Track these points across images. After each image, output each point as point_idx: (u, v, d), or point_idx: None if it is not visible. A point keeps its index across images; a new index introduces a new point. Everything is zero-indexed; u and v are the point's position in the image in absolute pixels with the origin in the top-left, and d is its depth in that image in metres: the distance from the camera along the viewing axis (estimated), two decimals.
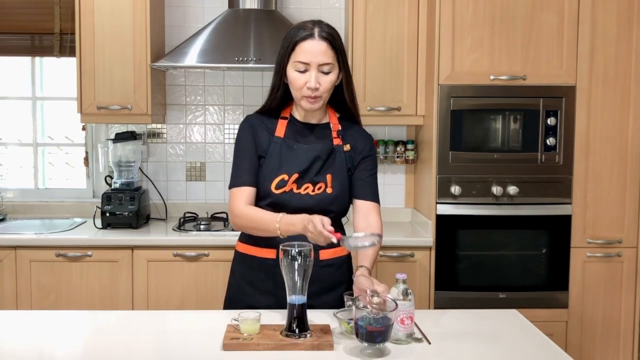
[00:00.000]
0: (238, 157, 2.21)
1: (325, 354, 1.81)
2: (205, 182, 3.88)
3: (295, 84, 2.09)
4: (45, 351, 1.92)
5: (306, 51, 2.05)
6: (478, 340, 1.98)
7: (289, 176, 2.15)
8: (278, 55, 2.14)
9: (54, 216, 3.79)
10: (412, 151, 3.73)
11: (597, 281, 3.32)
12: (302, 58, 2.06)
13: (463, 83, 3.24)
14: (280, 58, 2.12)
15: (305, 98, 2.11)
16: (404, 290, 1.97)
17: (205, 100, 3.85)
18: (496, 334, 2.05)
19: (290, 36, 2.10)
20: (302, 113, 2.22)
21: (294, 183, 2.16)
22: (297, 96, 2.13)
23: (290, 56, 2.08)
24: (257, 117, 2.23)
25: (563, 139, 3.27)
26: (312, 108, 2.14)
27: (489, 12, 3.22)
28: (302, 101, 2.12)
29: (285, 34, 2.13)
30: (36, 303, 3.28)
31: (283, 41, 2.13)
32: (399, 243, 3.32)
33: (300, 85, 2.09)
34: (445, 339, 1.95)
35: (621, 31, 3.24)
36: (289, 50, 2.08)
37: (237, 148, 2.22)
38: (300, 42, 2.06)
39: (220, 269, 3.30)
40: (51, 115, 4.00)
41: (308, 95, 2.09)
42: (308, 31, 2.06)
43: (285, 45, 2.10)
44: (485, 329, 2.08)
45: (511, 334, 2.05)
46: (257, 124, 2.21)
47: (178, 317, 2.22)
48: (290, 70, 2.09)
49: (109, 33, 3.43)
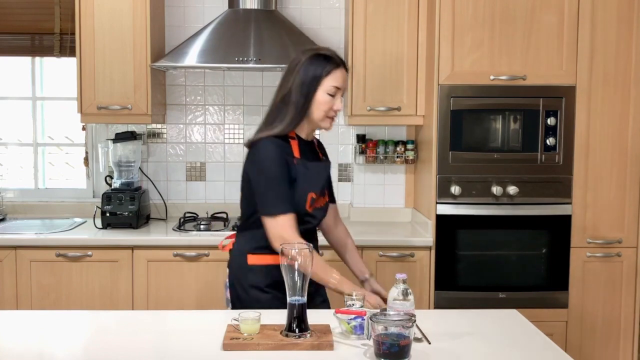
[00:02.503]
0: (276, 184, 2.22)
1: (325, 354, 1.81)
2: (205, 182, 3.88)
3: (325, 105, 2.28)
4: (45, 351, 1.92)
5: (339, 77, 2.29)
6: (478, 340, 1.98)
7: (315, 194, 2.32)
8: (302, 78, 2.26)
9: (54, 216, 3.79)
10: (412, 151, 3.73)
11: (597, 281, 3.32)
12: (337, 83, 2.28)
13: (463, 83, 3.24)
14: (310, 81, 2.26)
15: (329, 119, 2.32)
16: (404, 290, 1.97)
17: (205, 100, 3.85)
18: (496, 334, 2.05)
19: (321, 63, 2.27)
20: (306, 132, 2.36)
21: (318, 198, 2.34)
22: (320, 117, 2.29)
23: (324, 80, 2.26)
24: (278, 141, 2.26)
25: (563, 139, 3.27)
26: (330, 128, 2.36)
27: (489, 12, 3.22)
28: (324, 121, 2.31)
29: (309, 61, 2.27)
30: (36, 303, 3.28)
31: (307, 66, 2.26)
32: (399, 243, 3.32)
33: (328, 108, 2.28)
34: (445, 339, 1.95)
35: (621, 31, 3.24)
36: (324, 75, 2.26)
37: (273, 173, 2.22)
38: (335, 68, 2.28)
39: (220, 269, 3.29)
40: (51, 115, 4.00)
41: (332, 117, 2.32)
42: (338, 61, 2.30)
43: (318, 71, 2.26)
44: (485, 329, 2.08)
45: (511, 334, 2.06)
46: (282, 148, 2.26)
47: (178, 317, 2.22)
48: (321, 93, 2.27)
49: (109, 33, 3.43)
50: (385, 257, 3.29)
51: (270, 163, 2.22)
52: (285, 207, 2.21)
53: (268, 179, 2.21)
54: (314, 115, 2.28)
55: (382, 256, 3.28)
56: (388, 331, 1.74)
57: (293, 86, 2.26)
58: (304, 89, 2.25)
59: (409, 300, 1.96)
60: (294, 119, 2.27)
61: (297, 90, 2.25)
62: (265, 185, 2.22)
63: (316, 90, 2.26)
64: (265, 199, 2.22)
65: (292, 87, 2.26)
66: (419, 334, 1.96)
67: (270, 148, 2.24)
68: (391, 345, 1.73)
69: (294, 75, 2.27)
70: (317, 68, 2.26)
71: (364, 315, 1.90)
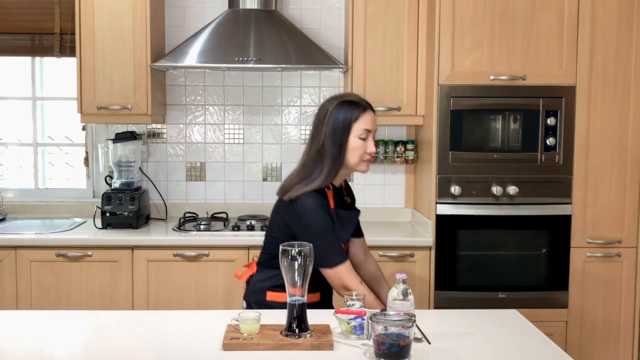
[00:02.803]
0: (326, 237, 2.26)
1: (325, 354, 1.82)
2: (205, 182, 3.88)
3: (359, 150, 2.32)
4: (45, 351, 1.92)
5: (368, 120, 2.33)
6: (478, 340, 1.98)
7: (345, 245, 2.40)
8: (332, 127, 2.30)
9: (54, 216, 3.79)
10: (412, 151, 3.73)
11: (597, 281, 3.32)
12: (367, 126, 2.32)
13: (463, 83, 3.24)
14: (341, 129, 2.30)
15: (365, 162, 2.35)
16: (404, 290, 1.97)
17: (205, 100, 3.85)
18: (496, 334, 2.05)
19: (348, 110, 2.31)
20: (341, 179, 2.41)
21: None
22: (356, 162, 2.33)
23: (354, 125, 2.30)
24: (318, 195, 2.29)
25: (563, 139, 3.27)
26: (366, 171, 2.39)
27: (489, 12, 3.22)
28: (361, 165, 2.35)
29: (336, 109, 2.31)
30: (36, 303, 3.28)
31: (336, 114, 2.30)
32: (399, 243, 3.32)
33: (362, 152, 2.32)
34: (445, 339, 1.95)
35: (621, 31, 3.24)
36: (353, 120, 2.30)
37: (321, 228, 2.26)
38: (363, 112, 2.32)
39: (220, 269, 3.30)
40: (51, 115, 4.00)
41: (368, 160, 2.35)
42: (364, 104, 2.35)
43: (347, 117, 2.30)
44: (485, 329, 2.09)
45: (511, 334, 2.06)
46: (323, 202, 2.29)
47: (178, 317, 2.22)
48: (353, 138, 2.31)
49: (109, 33, 3.43)
50: (385, 257, 3.29)
51: (316, 218, 2.26)
52: (340, 257, 2.27)
53: (318, 234, 2.23)
54: (350, 162, 2.32)
55: (382, 256, 3.28)
56: (388, 331, 1.74)
57: (325, 137, 2.30)
58: (336, 138, 2.29)
59: (409, 300, 1.96)
60: (332, 169, 2.30)
61: (330, 140, 2.29)
62: (315, 240, 2.17)
63: (348, 136, 2.30)
64: (318, 253, 2.19)
65: (324, 138, 2.30)
66: (419, 334, 1.96)
67: (314, 204, 2.26)
68: (391, 345, 1.73)
69: (324, 126, 2.31)
70: (346, 115, 2.30)
71: (364, 315, 1.90)
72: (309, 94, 3.85)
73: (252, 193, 3.88)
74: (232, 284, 3.30)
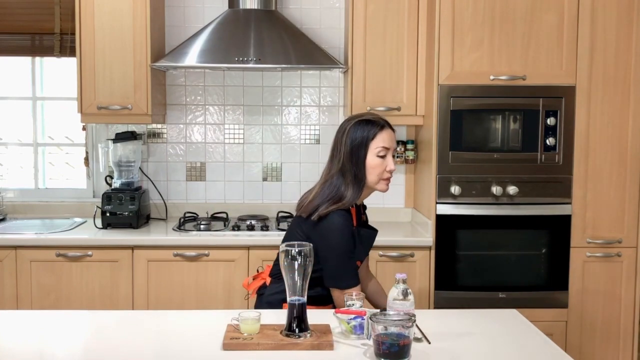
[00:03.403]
0: (346, 259, 2.29)
1: (325, 354, 1.82)
2: (205, 182, 3.88)
3: (378, 168, 2.32)
4: (45, 351, 1.92)
5: (385, 138, 2.33)
6: (478, 340, 1.98)
7: (361, 262, 2.42)
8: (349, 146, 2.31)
9: (54, 216, 3.79)
10: (412, 151, 3.73)
11: (597, 281, 3.32)
12: (385, 144, 2.32)
13: (463, 83, 3.24)
14: (358, 147, 2.31)
15: (384, 181, 2.35)
16: (404, 290, 1.97)
17: (205, 100, 3.85)
18: (496, 334, 2.05)
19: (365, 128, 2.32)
20: (363, 198, 2.41)
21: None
22: (375, 180, 2.34)
23: (371, 144, 2.31)
24: (346, 215, 2.30)
25: (563, 139, 3.27)
26: (387, 189, 2.38)
27: (489, 12, 3.22)
28: (380, 184, 2.35)
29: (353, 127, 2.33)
30: (36, 303, 3.28)
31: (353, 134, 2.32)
32: (399, 243, 3.32)
33: (381, 170, 2.33)
34: (445, 339, 1.95)
35: (621, 31, 3.24)
36: (371, 138, 2.31)
37: (343, 249, 2.28)
38: (380, 130, 2.33)
39: (220, 269, 3.30)
40: (51, 115, 4.00)
41: (387, 178, 2.35)
42: (382, 122, 2.35)
43: (364, 135, 2.31)
44: (485, 329, 2.09)
45: (511, 334, 2.06)
46: (350, 222, 2.30)
47: (178, 317, 2.23)
48: (371, 157, 2.31)
49: (109, 33, 3.43)
50: (385, 257, 3.29)
51: (343, 238, 2.27)
52: (353, 280, 2.28)
53: (339, 254, 2.26)
54: (369, 180, 2.33)
55: (382, 256, 3.28)
56: (388, 331, 1.74)
57: (345, 156, 2.32)
58: (353, 157, 2.31)
59: (409, 300, 1.96)
60: (356, 188, 2.31)
61: (349, 159, 2.31)
62: (336, 259, 2.26)
63: (366, 155, 2.31)
64: (335, 273, 2.28)
65: (344, 157, 2.32)
66: (419, 334, 1.96)
67: (342, 223, 2.27)
68: (391, 345, 1.73)
69: (342, 145, 2.33)
70: (363, 133, 2.31)
71: (364, 315, 1.90)
72: (309, 94, 3.85)
73: (252, 193, 3.88)
74: (232, 284, 3.30)
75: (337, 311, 2.00)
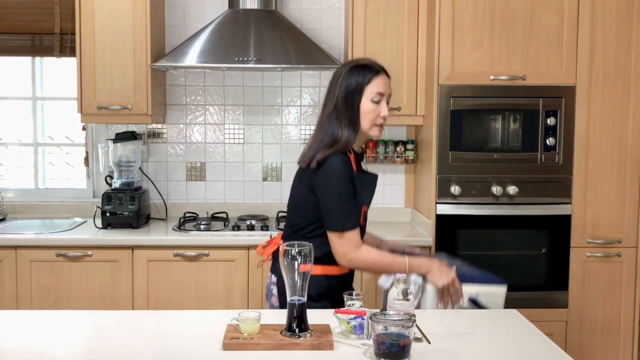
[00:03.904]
0: (345, 200, 2.27)
1: (325, 354, 1.82)
2: (205, 182, 3.88)
3: (371, 114, 2.31)
4: (45, 351, 1.92)
5: (381, 83, 2.32)
6: (478, 340, 1.98)
7: (367, 207, 2.40)
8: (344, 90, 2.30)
9: (54, 216, 3.79)
10: (412, 151, 3.73)
11: (597, 281, 3.32)
12: (380, 89, 2.31)
13: (463, 83, 3.24)
14: (353, 92, 2.30)
15: (377, 127, 2.34)
16: (404, 290, 1.97)
17: (205, 100, 3.85)
18: (496, 334, 2.05)
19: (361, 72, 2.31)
20: (358, 144, 2.40)
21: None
22: (368, 126, 2.33)
23: (366, 88, 2.30)
24: (344, 157, 2.29)
25: (563, 139, 3.27)
26: (380, 135, 2.39)
27: (489, 12, 3.22)
28: (373, 130, 2.34)
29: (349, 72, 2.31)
30: (36, 303, 3.28)
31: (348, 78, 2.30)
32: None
33: (375, 115, 2.32)
34: (445, 339, 1.95)
35: (621, 31, 3.24)
36: (366, 83, 2.30)
37: (342, 190, 2.27)
38: (375, 76, 2.32)
39: (220, 269, 3.30)
40: (51, 115, 4.00)
41: (380, 124, 2.34)
42: (378, 68, 2.34)
43: (359, 80, 2.30)
44: (485, 329, 2.09)
45: (511, 334, 2.06)
46: (348, 164, 2.29)
47: (178, 317, 2.22)
48: (365, 102, 2.30)
49: (109, 33, 3.43)
50: None
51: (341, 180, 2.26)
52: (352, 223, 2.27)
53: (338, 196, 2.26)
54: (362, 126, 2.32)
55: None
56: (388, 331, 1.74)
57: (339, 102, 2.31)
58: (348, 101, 2.30)
59: (409, 300, 1.96)
60: (351, 132, 2.30)
61: (343, 104, 2.30)
62: (337, 200, 2.25)
63: (360, 99, 2.30)
64: (333, 216, 2.27)
65: (337, 101, 2.31)
66: (419, 334, 1.96)
67: (341, 164, 2.27)
68: (391, 345, 1.73)
69: (337, 90, 2.32)
70: (358, 78, 2.30)
71: (364, 315, 1.90)
72: (309, 94, 3.85)
73: (252, 193, 3.88)
74: (232, 284, 3.30)
75: (337, 311, 2.00)
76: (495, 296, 2.34)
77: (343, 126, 2.30)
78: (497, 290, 2.36)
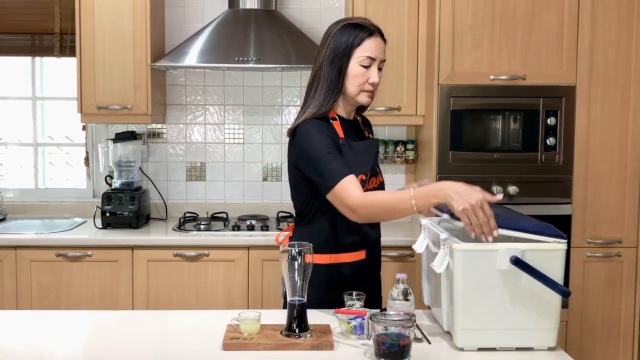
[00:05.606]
0: (323, 156, 2.06)
1: (325, 354, 1.82)
2: (205, 182, 3.88)
3: (359, 78, 2.14)
4: (45, 351, 1.92)
5: (372, 46, 2.13)
6: None
7: (365, 175, 2.18)
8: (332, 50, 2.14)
9: (54, 216, 3.79)
10: (412, 151, 3.73)
11: (597, 281, 3.32)
12: (370, 53, 2.12)
13: (463, 83, 3.24)
14: (342, 53, 2.13)
15: (366, 93, 2.16)
16: (404, 290, 1.97)
17: (205, 100, 3.85)
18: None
19: (352, 32, 2.13)
20: (347, 110, 2.23)
21: (370, 180, 2.21)
22: (355, 91, 2.15)
23: (355, 51, 2.12)
24: (317, 121, 2.12)
25: (563, 139, 3.27)
26: (369, 102, 2.20)
27: (489, 12, 3.22)
28: (361, 96, 2.17)
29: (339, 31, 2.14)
30: (36, 303, 3.28)
31: (338, 37, 2.14)
32: (399, 243, 3.32)
33: (363, 81, 2.14)
34: (445, 339, 1.95)
35: (621, 31, 3.24)
36: (356, 45, 2.12)
37: (317, 149, 2.07)
38: (367, 38, 2.13)
39: (220, 269, 3.30)
40: (51, 115, 4.00)
41: (369, 90, 2.16)
42: (372, 28, 2.15)
43: (349, 40, 2.12)
44: None
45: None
46: (322, 127, 2.11)
47: (178, 317, 2.22)
48: (353, 65, 2.13)
49: (109, 33, 3.43)
50: (385, 257, 3.28)
51: (312, 141, 2.08)
52: (339, 173, 2.03)
53: (315, 158, 2.06)
54: (349, 90, 2.14)
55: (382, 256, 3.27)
56: (388, 331, 1.74)
57: (324, 60, 2.14)
58: (335, 62, 2.12)
59: (409, 300, 1.96)
60: (327, 96, 2.13)
61: (328, 64, 2.13)
62: (314, 164, 2.07)
63: (348, 62, 2.12)
64: (319, 177, 2.07)
65: (322, 61, 2.14)
66: (419, 334, 1.96)
67: (308, 127, 2.10)
68: (391, 345, 1.73)
69: (325, 48, 2.15)
70: (348, 38, 2.12)
71: (364, 315, 1.90)
72: None
73: (252, 193, 3.88)
74: (232, 284, 3.30)
75: (337, 311, 2.00)
76: (550, 256, 1.82)
77: (321, 89, 2.13)
78: (555, 247, 1.84)
